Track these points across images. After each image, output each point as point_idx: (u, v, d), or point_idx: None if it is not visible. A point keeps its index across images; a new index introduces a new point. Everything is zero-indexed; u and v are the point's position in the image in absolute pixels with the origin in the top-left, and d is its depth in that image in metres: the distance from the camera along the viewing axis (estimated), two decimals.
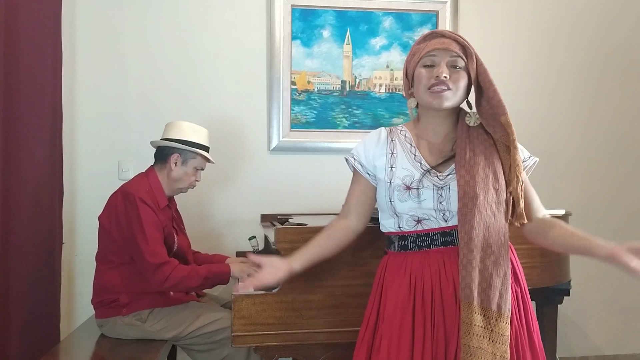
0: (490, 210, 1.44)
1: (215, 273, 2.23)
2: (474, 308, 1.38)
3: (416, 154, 1.53)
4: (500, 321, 1.39)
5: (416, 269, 1.48)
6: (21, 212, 2.28)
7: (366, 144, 1.60)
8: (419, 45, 1.54)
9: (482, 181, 1.44)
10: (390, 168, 1.52)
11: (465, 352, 1.37)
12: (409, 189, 1.48)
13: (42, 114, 2.47)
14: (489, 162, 1.48)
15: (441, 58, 1.49)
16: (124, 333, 2.24)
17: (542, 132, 3.34)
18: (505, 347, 1.38)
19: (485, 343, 1.37)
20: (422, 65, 1.51)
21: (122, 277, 2.23)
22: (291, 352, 1.84)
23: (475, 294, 1.39)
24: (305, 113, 3.15)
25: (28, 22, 2.32)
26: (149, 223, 2.17)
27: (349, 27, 3.19)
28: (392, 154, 1.54)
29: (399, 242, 1.54)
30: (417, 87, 1.51)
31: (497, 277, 1.42)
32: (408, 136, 1.57)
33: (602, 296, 3.41)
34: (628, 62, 3.44)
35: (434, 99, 1.48)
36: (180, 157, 2.33)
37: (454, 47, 1.50)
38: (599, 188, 3.41)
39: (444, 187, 1.47)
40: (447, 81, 1.46)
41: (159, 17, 3.05)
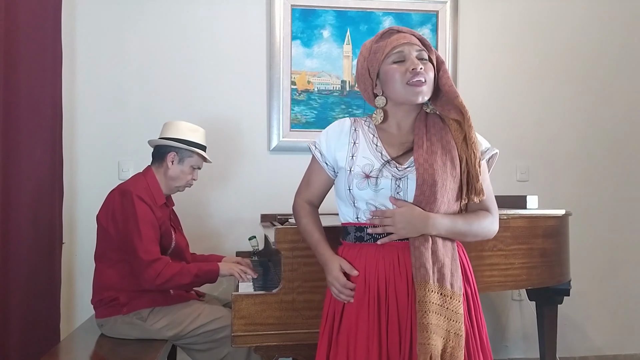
0: (446, 197, 1.46)
1: (204, 271, 2.27)
2: (430, 287, 1.40)
3: (377, 144, 1.54)
4: (453, 299, 1.42)
5: (370, 263, 1.49)
6: (21, 212, 2.28)
7: (329, 134, 1.61)
8: (378, 43, 1.54)
9: (440, 169, 1.46)
10: (352, 157, 1.53)
11: (424, 330, 1.37)
12: (367, 177, 1.48)
13: (42, 114, 2.48)
14: (446, 150, 1.49)
15: (409, 52, 1.50)
16: (125, 332, 2.24)
17: (542, 132, 3.34)
18: (459, 325, 1.41)
19: (442, 320, 1.40)
20: (390, 62, 1.51)
21: (121, 275, 2.24)
22: (291, 352, 1.84)
23: (431, 273, 1.41)
24: (305, 113, 3.15)
25: (28, 22, 2.33)
26: (144, 221, 2.19)
27: (349, 27, 3.19)
28: (355, 144, 1.55)
29: (355, 233, 1.54)
30: (390, 84, 1.51)
31: (447, 257, 1.46)
32: (372, 127, 1.58)
33: (602, 296, 3.41)
34: (628, 62, 3.44)
35: (412, 95, 1.49)
36: (176, 155, 2.37)
37: (415, 41, 1.52)
38: (599, 188, 3.41)
39: (402, 177, 1.48)
40: (423, 72, 1.48)
41: (158, 18, 3.05)
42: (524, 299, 3.17)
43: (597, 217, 3.39)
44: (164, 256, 2.22)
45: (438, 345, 1.38)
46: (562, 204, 2.59)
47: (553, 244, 2.32)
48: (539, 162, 3.34)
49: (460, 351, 1.40)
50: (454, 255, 1.48)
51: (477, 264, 2.06)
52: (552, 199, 2.92)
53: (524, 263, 2.19)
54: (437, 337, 1.38)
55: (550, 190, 3.24)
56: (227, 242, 3.04)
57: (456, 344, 1.40)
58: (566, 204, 2.64)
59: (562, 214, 2.41)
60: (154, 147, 2.43)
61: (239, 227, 3.02)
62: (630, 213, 3.44)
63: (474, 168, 1.48)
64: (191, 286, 2.32)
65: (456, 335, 1.40)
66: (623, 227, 3.43)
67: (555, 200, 2.93)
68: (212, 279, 2.30)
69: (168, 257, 2.24)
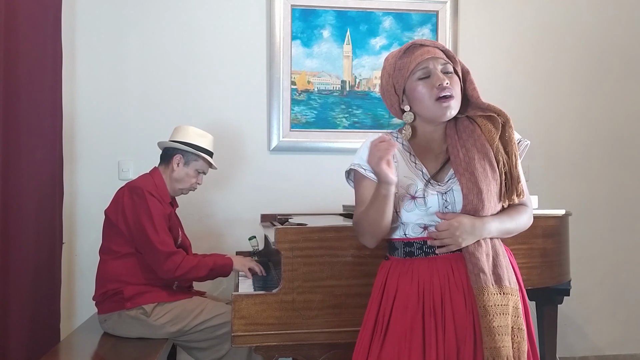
0: (492, 201, 1.47)
1: (219, 265, 2.35)
2: (491, 290, 1.41)
3: (416, 162, 1.53)
4: (512, 295, 1.43)
5: (424, 276, 1.48)
6: (21, 212, 2.29)
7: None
8: (402, 60, 1.53)
9: (482, 174, 1.46)
10: None
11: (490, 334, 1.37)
12: (414, 198, 1.48)
13: (42, 114, 2.48)
14: (483, 154, 1.49)
15: (434, 67, 1.50)
16: (127, 328, 2.26)
17: (542, 132, 3.34)
18: (520, 319, 1.43)
19: (507, 319, 1.40)
20: (416, 79, 1.50)
21: (126, 267, 2.29)
22: (291, 352, 1.84)
23: (489, 276, 1.42)
24: (305, 113, 3.15)
25: (28, 22, 2.33)
26: (157, 214, 2.26)
27: (349, 27, 3.19)
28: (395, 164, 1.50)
29: (403, 249, 1.53)
30: (418, 101, 1.50)
31: (498, 256, 1.47)
32: (406, 144, 1.57)
33: (602, 296, 3.41)
34: (628, 62, 3.44)
35: (441, 111, 1.48)
36: (182, 158, 2.43)
37: (439, 53, 1.52)
38: (599, 188, 3.41)
39: (447, 191, 1.48)
40: (450, 87, 1.48)
41: (158, 18, 3.05)
42: None
43: (597, 217, 3.38)
44: (180, 249, 2.30)
45: (509, 345, 1.39)
46: (562, 204, 2.58)
47: (553, 244, 2.32)
48: (539, 162, 3.33)
49: (525, 344, 1.42)
50: (503, 252, 1.50)
51: None
52: (552, 199, 2.92)
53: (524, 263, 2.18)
54: (506, 337, 1.39)
55: (550, 190, 3.24)
56: (227, 242, 3.04)
57: (521, 339, 1.42)
58: (566, 204, 2.63)
59: (562, 214, 2.41)
60: (162, 149, 2.49)
61: (239, 227, 3.02)
62: (630, 213, 3.44)
63: (515, 169, 1.51)
64: (206, 278, 2.38)
65: (520, 329, 1.42)
66: (623, 227, 3.43)
67: (555, 200, 2.93)
68: (226, 272, 2.38)
69: (183, 250, 2.31)
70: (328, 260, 1.79)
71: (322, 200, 2.97)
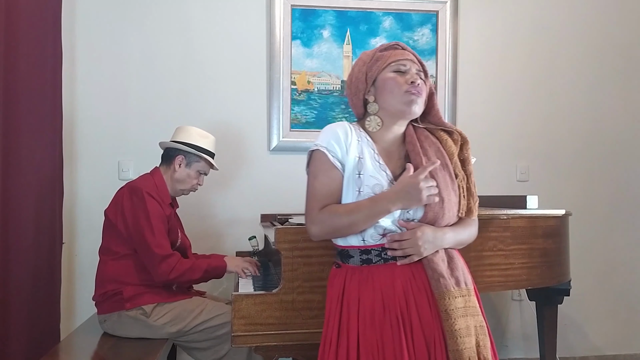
0: (451, 211, 1.50)
1: (213, 267, 2.35)
2: (453, 293, 1.42)
3: (380, 162, 1.52)
4: (470, 295, 1.47)
5: (385, 283, 1.47)
6: (21, 212, 2.28)
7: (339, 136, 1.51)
8: (382, 52, 1.55)
9: (443, 184, 1.48)
10: (358, 175, 1.48)
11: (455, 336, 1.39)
12: None
13: (42, 114, 2.48)
14: (444, 165, 1.51)
15: (410, 67, 1.53)
16: (127, 328, 2.26)
17: (542, 132, 3.34)
18: (479, 317, 1.47)
19: (468, 320, 1.43)
20: (391, 71, 1.52)
21: (126, 268, 2.28)
22: (291, 352, 1.84)
23: (449, 280, 1.44)
24: (305, 113, 3.15)
25: (28, 22, 2.32)
26: (155, 216, 2.26)
27: (349, 27, 3.19)
28: (360, 159, 1.50)
29: (360, 256, 1.51)
30: (387, 92, 1.51)
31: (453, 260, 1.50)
32: (369, 140, 1.54)
33: (602, 296, 3.41)
34: (628, 62, 3.44)
35: (408, 104, 1.49)
36: (184, 159, 2.43)
37: (416, 62, 1.56)
38: (598, 188, 3.41)
39: None
40: (421, 87, 1.50)
41: (158, 17, 3.05)
42: (524, 299, 3.17)
43: (597, 217, 3.38)
44: (175, 252, 2.29)
45: (472, 346, 1.41)
46: (562, 204, 2.58)
47: (553, 244, 2.32)
48: (539, 162, 3.34)
49: (487, 339, 1.46)
50: (457, 255, 1.53)
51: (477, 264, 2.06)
52: (552, 199, 2.92)
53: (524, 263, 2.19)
54: (469, 338, 1.41)
55: (550, 190, 3.24)
56: (227, 242, 3.04)
57: (483, 335, 1.45)
58: (566, 204, 2.64)
59: (562, 214, 2.41)
60: (164, 149, 2.49)
61: (239, 227, 3.02)
62: (630, 213, 3.44)
63: (473, 187, 1.56)
64: (200, 281, 2.37)
65: (481, 327, 1.46)
66: (623, 227, 3.43)
67: (555, 200, 2.93)
68: (220, 274, 2.39)
69: (179, 253, 2.31)
70: (328, 260, 1.79)
71: None
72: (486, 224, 2.14)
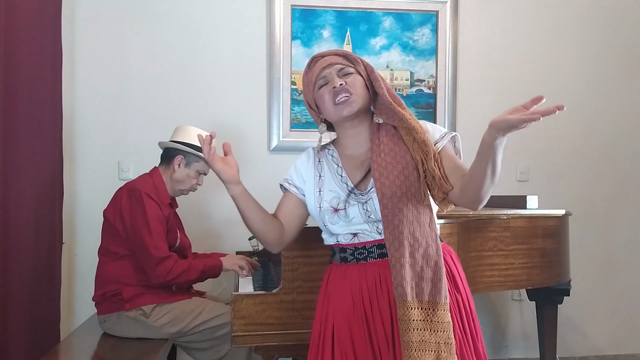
0: (411, 203, 1.43)
1: (210, 267, 2.35)
2: (409, 304, 1.38)
3: (342, 174, 1.55)
4: (437, 310, 1.39)
5: (355, 282, 1.49)
6: (21, 212, 2.28)
7: (297, 167, 1.64)
8: (307, 75, 1.57)
9: (397, 178, 1.45)
10: (319, 192, 1.55)
11: (407, 348, 1.36)
12: (336, 210, 1.50)
13: (42, 114, 2.47)
14: (400, 158, 1.48)
15: (331, 74, 1.52)
16: (127, 329, 2.26)
17: (542, 132, 3.34)
18: (448, 334, 1.38)
19: (427, 335, 1.37)
20: (317, 88, 1.54)
21: (125, 269, 2.28)
22: (291, 352, 1.84)
23: (409, 290, 1.39)
24: (305, 113, 3.15)
25: (28, 22, 2.32)
26: (153, 218, 2.25)
27: (349, 27, 3.19)
28: (320, 177, 1.57)
29: (339, 254, 1.55)
30: (324, 107, 1.53)
31: (428, 267, 1.42)
32: (335, 156, 1.59)
33: (602, 296, 3.41)
34: (628, 61, 3.44)
35: (342, 109, 1.49)
36: (184, 159, 2.42)
37: (337, 60, 1.54)
38: (599, 188, 3.41)
39: (367, 200, 1.48)
40: (344, 87, 1.49)
41: (158, 17, 3.05)
42: (524, 299, 3.17)
43: (597, 217, 3.39)
44: (172, 253, 2.29)
45: None
46: (562, 204, 2.59)
47: (553, 244, 2.33)
48: (539, 162, 3.34)
49: (452, 358, 1.37)
50: (438, 264, 1.43)
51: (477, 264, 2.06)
52: (552, 199, 2.92)
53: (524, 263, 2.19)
54: (423, 352, 1.36)
55: (550, 190, 3.24)
56: (227, 242, 3.04)
57: (448, 353, 1.37)
58: (566, 204, 2.64)
59: (562, 214, 2.41)
60: (163, 149, 2.48)
61: (238, 227, 2.96)
62: (630, 213, 3.44)
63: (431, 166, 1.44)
64: (197, 281, 2.37)
65: (446, 344, 1.37)
66: (623, 227, 3.43)
67: (555, 200, 2.93)
68: (217, 273, 2.39)
69: (176, 254, 2.30)
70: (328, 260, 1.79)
71: None
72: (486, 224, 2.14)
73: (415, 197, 1.44)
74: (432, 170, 1.44)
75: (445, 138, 1.52)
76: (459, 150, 1.56)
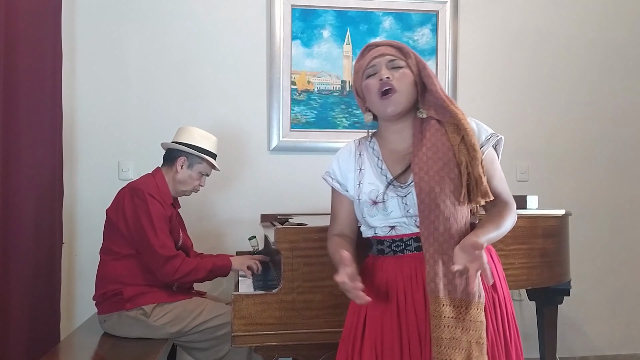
0: (449, 200, 1.42)
1: (218, 266, 2.36)
2: (441, 300, 1.38)
3: (382, 167, 1.54)
4: (471, 308, 1.37)
5: (391, 275, 1.49)
6: (21, 212, 2.28)
7: (340, 161, 1.63)
8: (358, 62, 1.57)
9: (437, 174, 1.44)
10: (359, 184, 1.55)
11: (437, 345, 1.36)
12: (375, 203, 1.49)
13: (42, 114, 2.48)
14: (441, 154, 1.47)
15: (380, 64, 1.51)
16: (127, 329, 2.26)
17: (542, 132, 3.34)
18: (480, 333, 1.37)
19: (459, 333, 1.36)
20: (365, 77, 1.53)
21: (127, 268, 2.28)
22: (291, 352, 1.84)
23: (441, 287, 1.39)
24: (305, 113, 3.15)
25: (28, 22, 2.32)
26: (158, 216, 2.25)
27: (349, 27, 3.19)
28: (360, 170, 1.56)
29: (376, 246, 1.56)
30: (369, 98, 1.53)
31: None
32: (376, 149, 1.59)
33: (602, 296, 3.41)
34: (628, 61, 3.44)
35: (386, 107, 1.49)
36: (186, 160, 2.43)
37: (389, 50, 1.53)
38: (599, 188, 3.41)
39: (407, 195, 1.47)
40: (390, 81, 1.48)
41: (158, 18, 3.05)
42: (524, 299, 3.16)
43: (597, 217, 3.38)
44: (179, 251, 2.30)
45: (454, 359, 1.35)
46: (562, 204, 2.58)
47: (553, 244, 2.32)
48: (539, 162, 3.34)
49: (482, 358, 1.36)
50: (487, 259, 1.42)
51: None
52: (552, 199, 2.92)
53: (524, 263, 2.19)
54: (453, 350, 1.35)
55: (550, 190, 3.24)
56: (227, 242, 3.04)
57: (479, 353, 1.35)
58: (566, 204, 2.64)
59: (562, 214, 2.41)
60: (166, 150, 2.49)
61: (239, 227, 3.02)
62: (630, 213, 3.44)
63: (476, 170, 1.43)
64: (205, 280, 2.38)
65: (478, 344, 1.36)
66: (623, 227, 3.43)
67: (555, 200, 2.93)
68: (225, 274, 2.40)
69: (183, 253, 2.31)
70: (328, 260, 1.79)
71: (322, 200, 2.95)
72: None
73: (454, 194, 1.43)
74: (477, 177, 1.44)
75: (490, 141, 1.53)
76: (499, 153, 1.57)
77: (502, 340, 1.45)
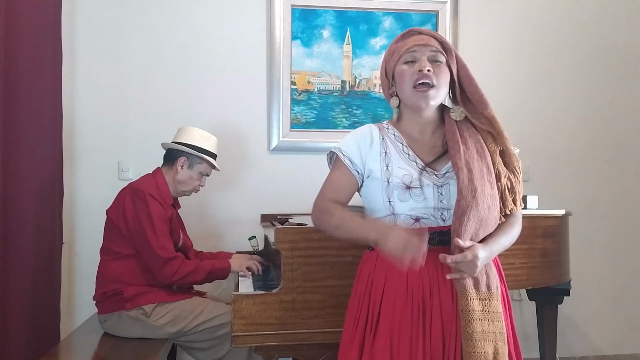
0: (485, 203, 1.43)
1: (217, 268, 2.36)
2: (470, 294, 1.40)
3: (409, 153, 1.51)
4: (492, 300, 1.42)
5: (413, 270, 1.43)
6: (21, 212, 2.28)
7: (359, 141, 1.55)
8: (397, 44, 1.53)
9: (479, 174, 1.44)
10: (387, 167, 1.50)
11: (470, 339, 1.37)
12: (409, 188, 1.46)
13: (42, 114, 2.47)
14: (481, 156, 1.48)
15: (422, 53, 1.48)
16: (127, 329, 2.26)
17: (542, 132, 3.34)
18: (501, 324, 1.42)
19: (487, 325, 1.39)
20: (403, 62, 1.50)
21: (127, 268, 2.29)
22: (291, 352, 1.85)
23: (469, 282, 1.41)
24: (305, 113, 3.15)
25: (28, 22, 2.32)
26: (158, 217, 2.26)
27: (349, 27, 3.19)
28: (386, 153, 1.52)
29: None
30: (401, 85, 1.50)
31: None
32: (397, 135, 1.55)
33: (602, 296, 3.41)
34: (628, 61, 3.44)
35: (419, 99, 1.47)
36: (187, 160, 2.43)
37: (433, 42, 1.50)
38: (599, 188, 3.41)
39: (443, 185, 1.46)
40: (430, 75, 1.46)
41: (158, 18, 3.05)
42: (524, 299, 3.17)
43: (597, 217, 3.38)
44: (178, 253, 2.30)
45: (488, 352, 1.37)
46: (562, 204, 2.58)
47: (553, 244, 2.32)
48: (539, 162, 3.33)
49: (505, 348, 1.41)
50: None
51: None
52: (552, 199, 2.92)
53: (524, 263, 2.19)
54: (485, 343, 1.38)
55: (550, 190, 3.24)
56: (227, 242, 3.03)
57: (503, 343, 1.41)
58: (566, 204, 2.64)
59: (562, 214, 2.41)
60: (166, 150, 2.49)
61: (239, 227, 3.02)
62: (630, 213, 3.44)
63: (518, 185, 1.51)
64: (204, 282, 2.38)
65: (501, 334, 1.41)
66: (623, 227, 3.43)
67: (555, 200, 2.93)
68: (224, 275, 2.40)
69: (182, 255, 2.31)
70: (328, 260, 1.79)
71: None
72: None
73: (491, 199, 1.45)
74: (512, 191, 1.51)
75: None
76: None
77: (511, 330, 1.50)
